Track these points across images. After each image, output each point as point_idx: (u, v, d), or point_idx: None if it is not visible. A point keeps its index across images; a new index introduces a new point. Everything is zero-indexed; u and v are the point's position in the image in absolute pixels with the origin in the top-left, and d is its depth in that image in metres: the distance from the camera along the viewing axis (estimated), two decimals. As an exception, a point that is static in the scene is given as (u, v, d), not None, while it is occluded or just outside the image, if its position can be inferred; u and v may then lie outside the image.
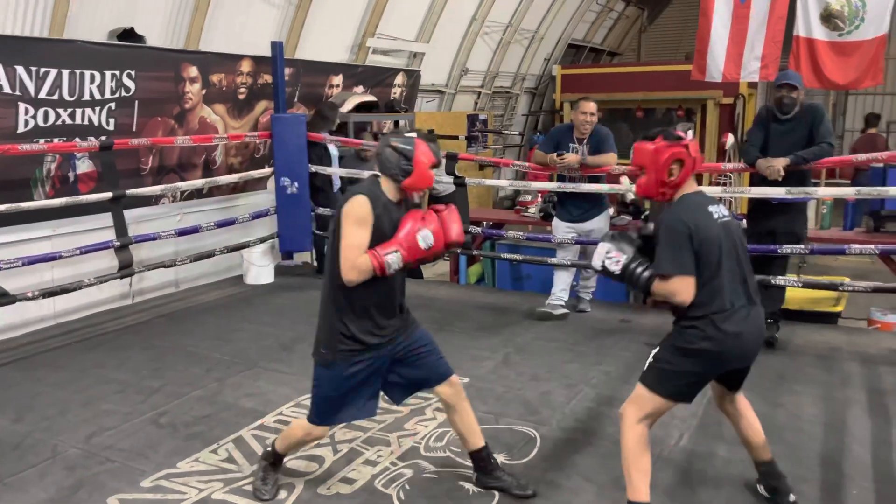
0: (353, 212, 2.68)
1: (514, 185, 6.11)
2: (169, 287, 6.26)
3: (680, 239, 2.55)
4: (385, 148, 2.76)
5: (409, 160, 2.72)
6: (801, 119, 4.56)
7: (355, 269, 2.65)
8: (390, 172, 2.75)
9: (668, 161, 2.61)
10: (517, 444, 3.39)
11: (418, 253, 2.72)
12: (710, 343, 2.59)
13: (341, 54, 8.22)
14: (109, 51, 5.41)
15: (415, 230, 2.71)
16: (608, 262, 2.69)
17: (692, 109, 11.54)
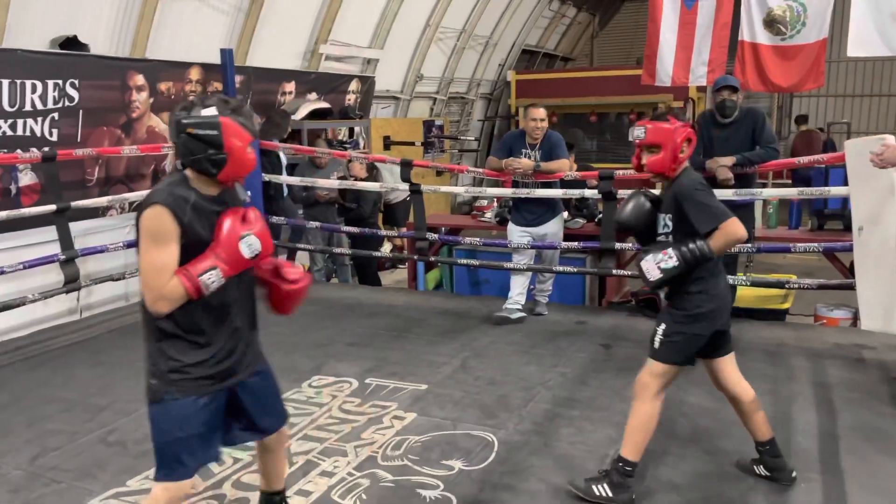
0: (147, 227, 2.12)
1: (469, 191, 6.13)
2: (119, 301, 6.10)
3: (710, 194, 2.85)
4: (180, 136, 2.16)
5: (217, 147, 2.15)
6: (742, 123, 4.67)
7: (163, 298, 2.12)
8: (200, 166, 2.17)
9: (683, 140, 2.84)
10: (474, 449, 3.39)
11: (242, 265, 2.21)
12: (713, 303, 2.83)
13: (294, 61, 8.15)
14: (51, 59, 5.27)
15: (235, 236, 2.17)
16: (665, 263, 2.74)
17: (644, 113, 11.75)
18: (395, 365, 4.53)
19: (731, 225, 2.71)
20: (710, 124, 4.76)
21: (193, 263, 2.14)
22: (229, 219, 2.19)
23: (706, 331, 2.86)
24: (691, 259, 2.73)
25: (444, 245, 6.43)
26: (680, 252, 2.73)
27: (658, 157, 2.85)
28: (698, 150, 4.79)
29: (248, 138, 2.21)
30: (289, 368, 4.49)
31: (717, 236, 2.71)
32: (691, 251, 2.72)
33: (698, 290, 2.81)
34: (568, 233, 5.68)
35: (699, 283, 2.80)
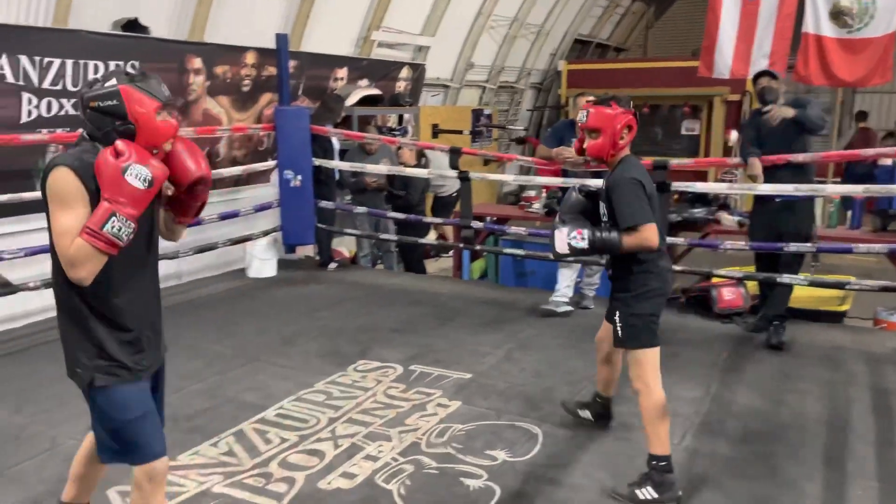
0: (54, 190, 2.01)
1: (517, 179, 6.08)
2: (171, 279, 6.24)
3: (638, 191, 2.82)
4: (85, 111, 2.08)
5: (122, 118, 2.05)
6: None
7: (76, 263, 1.98)
8: (108, 140, 2.04)
9: (623, 126, 2.89)
10: (519, 440, 3.37)
11: (142, 198, 2.00)
12: (658, 281, 2.92)
13: (346, 47, 8.19)
14: (113, 41, 5.39)
15: (117, 170, 1.97)
16: (574, 241, 2.83)
17: (698, 106, 11.49)
18: (439, 353, 4.53)
19: (647, 230, 2.76)
20: (758, 114, 4.64)
21: (90, 219, 1.98)
22: (100, 158, 2.00)
23: (657, 309, 2.93)
24: (600, 247, 2.81)
25: (489, 234, 6.40)
26: (593, 236, 2.81)
27: (598, 141, 2.90)
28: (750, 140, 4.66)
29: (153, 104, 2.08)
30: (333, 352, 4.54)
31: (633, 236, 2.78)
32: (603, 240, 2.80)
33: (640, 269, 2.88)
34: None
35: (641, 263, 2.87)
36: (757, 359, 4.43)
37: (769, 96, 4.58)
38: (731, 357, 4.46)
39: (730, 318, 5.12)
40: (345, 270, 6.82)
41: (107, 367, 2.15)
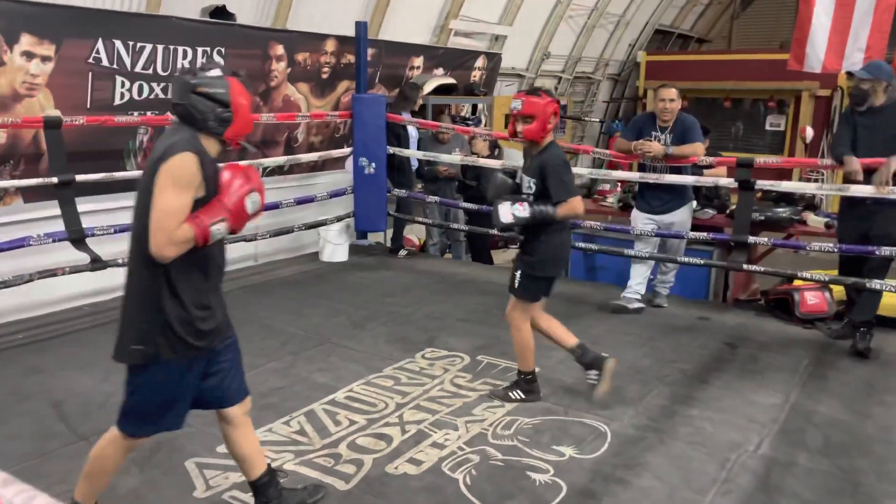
0: (176, 172, 2.12)
1: (593, 173, 5.97)
2: (248, 260, 6.44)
3: (568, 169, 3.48)
4: (189, 95, 2.20)
5: (226, 106, 2.22)
6: (889, 112, 4.27)
7: (172, 243, 2.12)
8: (205, 125, 2.22)
9: (552, 112, 3.41)
10: (586, 437, 3.33)
11: (245, 220, 2.25)
12: (553, 252, 3.55)
13: (424, 36, 8.21)
14: (202, 27, 5.56)
15: (244, 192, 2.22)
16: (518, 212, 3.36)
17: (785, 101, 11.03)
18: (506, 344, 4.48)
19: (576, 201, 3.42)
20: (855, 113, 4.40)
21: (204, 213, 2.16)
22: (236, 174, 2.23)
23: (549, 273, 3.56)
24: (539, 217, 3.37)
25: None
26: (532, 209, 3.36)
27: (532, 126, 3.40)
28: (843, 140, 4.43)
29: (250, 98, 2.30)
30: (402, 338, 4.59)
31: (565, 207, 3.39)
32: (541, 212, 3.36)
33: (544, 241, 3.49)
34: (695, 223, 5.44)
35: (545, 235, 3.47)
36: (841, 367, 4.24)
37: (856, 101, 4.33)
38: (813, 364, 4.28)
39: (812, 324, 4.91)
40: (414, 258, 6.88)
41: (172, 343, 2.26)
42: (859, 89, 4.35)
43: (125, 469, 2.98)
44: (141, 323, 2.25)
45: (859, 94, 4.34)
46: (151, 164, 2.18)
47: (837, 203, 4.93)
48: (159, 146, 2.21)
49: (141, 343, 2.25)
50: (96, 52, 4.88)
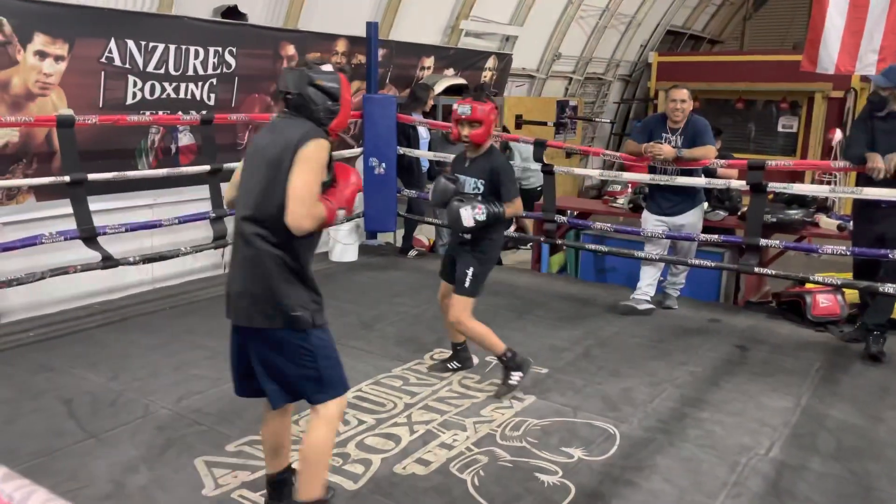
0: (318, 156, 2.32)
1: (604, 174, 5.94)
2: (258, 259, 6.45)
3: (513, 172, 3.79)
4: (307, 87, 2.38)
5: (336, 100, 2.42)
6: None
7: (311, 217, 2.29)
8: (316, 116, 2.41)
9: (494, 117, 3.65)
10: (595, 439, 3.31)
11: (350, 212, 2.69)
12: (498, 249, 3.94)
13: (434, 36, 8.21)
14: (213, 28, 5.58)
15: (356, 188, 2.53)
16: (478, 216, 3.53)
17: (797, 102, 10.95)
18: (515, 346, 4.42)
19: (519, 202, 3.69)
20: (873, 115, 4.35)
21: (331, 196, 2.40)
22: (353, 172, 2.54)
23: (492, 267, 3.82)
24: (493, 217, 3.58)
25: (570, 229, 6.30)
26: (488, 210, 3.56)
27: (479, 130, 3.61)
28: (858, 142, 4.39)
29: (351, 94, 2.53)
30: (411, 339, 4.58)
31: (511, 207, 3.64)
32: (496, 213, 3.58)
33: (495, 239, 3.76)
34: (707, 225, 5.40)
35: (495, 234, 3.74)
36: (853, 371, 4.20)
37: (876, 107, 4.27)
38: (825, 367, 4.24)
39: (824, 327, 4.88)
40: (424, 258, 6.87)
41: (319, 309, 2.43)
42: (878, 95, 4.29)
43: (134, 467, 3.00)
44: (290, 292, 2.36)
45: (879, 101, 4.29)
46: (282, 149, 2.32)
47: (850, 205, 4.89)
48: (289, 133, 2.35)
49: (301, 308, 2.36)
50: (109, 52, 4.91)
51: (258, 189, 2.36)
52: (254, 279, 2.36)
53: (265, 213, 2.34)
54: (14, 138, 4.65)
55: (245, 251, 2.39)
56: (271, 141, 2.38)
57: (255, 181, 2.37)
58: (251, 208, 2.38)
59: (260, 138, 2.48)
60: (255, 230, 2.36)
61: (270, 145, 2.37)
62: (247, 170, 2.46)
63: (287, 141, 2.32)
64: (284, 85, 2.42)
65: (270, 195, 2.32)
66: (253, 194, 2.37)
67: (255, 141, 2.51)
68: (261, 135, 2.50)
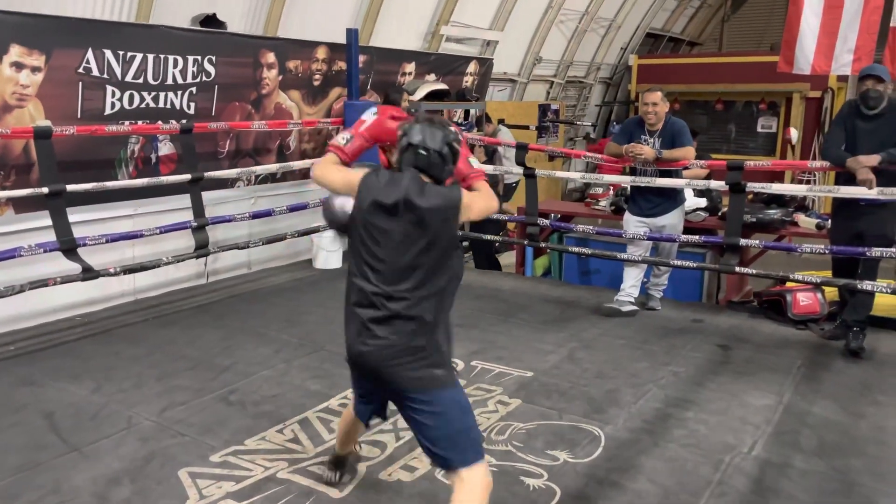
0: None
1: (585, 177, 5.97)
2: (242, 268, 6.43)
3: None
4: (444, 146, 2.36)
5: (454, 163, 2.43)
6: (889, 115, 4.27)
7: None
8: (440, 175, 2.38)
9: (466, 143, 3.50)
10: (581, 442, 3.33)
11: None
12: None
13: (415, 42, 8.22)
14: (192, 36, 5.56)
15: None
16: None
17: (776, 102, 11.07)
18: (500, 349, 4.51)
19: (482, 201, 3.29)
20: (855, 116, 4.39)
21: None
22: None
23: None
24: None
25: (554, 231, 6.32)
26: None
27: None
28: (836, 142, 4.44)
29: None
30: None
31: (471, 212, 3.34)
32: None
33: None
34: (688, 226, 5.45)
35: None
36: (834, 368, 4.25)
37: (871, 103, 4.31)
38: (806, 365, 4.29)
39: (805, 325, 4.93)
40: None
41: (452, 366, 2.40)
42: (877, 91, 4.28)
43: (117, 480, 2.97)
44: (434, 350, 2.34)
45: (877, 97, 4.29)
46: (444, 205, 2.32)
47: (829, 204, 4.95)
48: (431, 197, 2.31)
49: (441, 367, 2.35)
50: (86, 62, 4.87)
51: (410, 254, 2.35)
52: None
53: (446, 261, 2.38)
54: (-9, 150, 4.60)
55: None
56: (429, 202, 2.32)
57: (407, 249, 2.34)
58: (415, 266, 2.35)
59: (386, 197, 2.35)
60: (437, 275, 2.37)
61: (430, 208, 2.32)
62: (390, 231, 2.36)
63: (429, 206, 2.31)
64: (420, 139, 2.35)
65: (447, 246, 2.37)
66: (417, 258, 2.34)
67: (378, 201, 2.37)
68: (384, 195, 2.36)
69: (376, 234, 2.35)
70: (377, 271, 2.36)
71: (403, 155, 2.39)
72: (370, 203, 2.36)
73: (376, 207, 2.35)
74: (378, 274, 2.36)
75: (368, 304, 2.40)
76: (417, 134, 2.35)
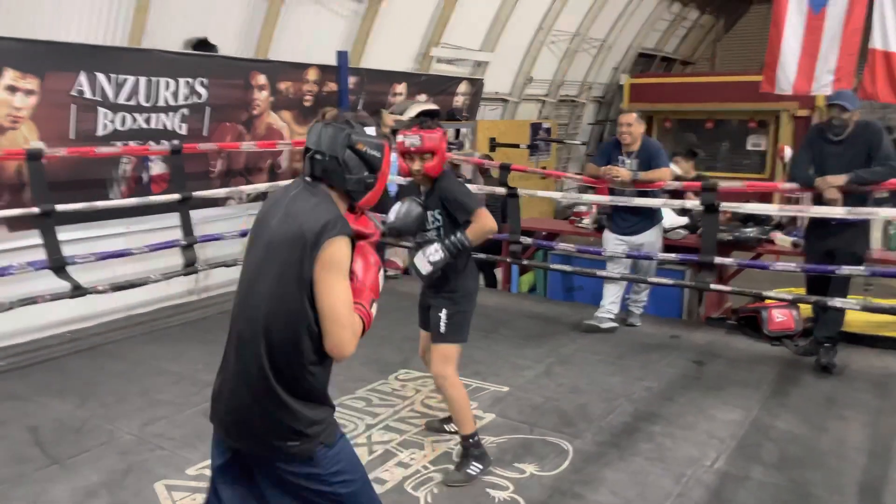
0: (342, 260, 1.91)
1: (565, 197, 6.10)
2: (232, 285, 6.48)
3: (463, 185, 3.38)
4: (345, 150, 1.98)
5: (374, 171, 2.03)
6: (857, 137, 4.38)
7: (356, 334, 1.93)
8: (349, 186, 2.00)
9: (445, 143, 3.28)
10: (548, 455, 3.41)
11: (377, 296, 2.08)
12: (475, 280, 3.44)
13: (406, 63, 8.38)
14: (184, 59, 5.72)
15: (377, 268, 2.07)
16: (432, 258, 3.13)
17: (765, 121, 11.21)
18: (479, 364, 4.60)
19: (482, 215, 3.15)
20: (822, 138, 4.50)
21: (360, 297, 1.97)
22: (371, 251, 2.08)
23: (473, 305, 3.32)
24: (454, 250, 3.13)
25: (538, 249, 6.43)
26: (444, 246, 3.13)
27: (433, 162, 3.20)
28: (803, 163, 4.56)
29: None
30: (376, 360, 4.67)
31: (473, 226, 3.15)
32: (453, 243, 3.13)
33: (462, 270, 3.27)
34: (668, 243, 5.55)
35: (461, 264, 3.25)
36: (804, 383, 4.33)
37: (835, 131, 4.42)
38: (777, 380, 4.37)
39: (780, 341, 5.01)
40: (397, 281, 6.96)
41: (331, 420, 2.02)
42: (841, 119, 4.37)
43: (94, 492, 3.06)
44: (290, 416, 1.95)
45: (840, 125, 4.39)
46: (296, 244, 1.89)
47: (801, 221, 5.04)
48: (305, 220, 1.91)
49: (298, 437, 1.95)
50: (79, 85, 5.03)
51: (268, 292, 1.94)
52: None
53: (294, 328, 1.92)
54: (-15, 171, 4.74)
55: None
56: (283, 226, 1.94)
57: (266, 280, 1.94)
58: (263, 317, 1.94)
59: (270, 215, 2.01)
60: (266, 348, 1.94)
61: (281, 233, 1.94)
62: (252, 255, 2.03)
63: (302, 233, 1.89)
64: (315, 142, 1.99)
65: (302, 306, 1.90)
66: (264, 297, 1.94)
67: (265, 217, 2.03)
68: (271, 210, 2.02)
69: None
70: None
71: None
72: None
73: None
74: None
75: None
76: (312, 135, 2.01)
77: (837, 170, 4.38)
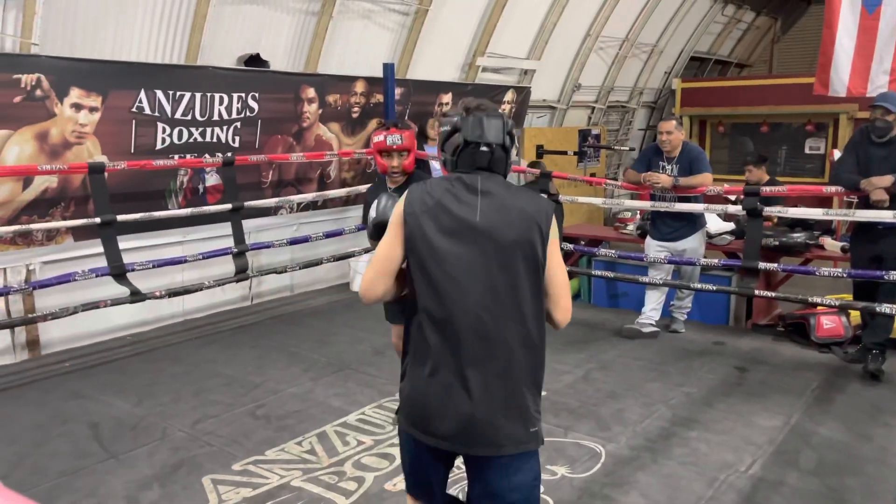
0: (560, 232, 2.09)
1: (606, 202, 6.09)
2: (284, 291, 6.77)
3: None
4: (506, 135, 2.01)
5: (513, 152, 2.15)
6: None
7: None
8: (506, 170, 2.07)
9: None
10: (581, 458, 3.45)
11: None
12: None
13: (452, 73, 8.51)
14: (237, 75, 5.98)
15: None
16: None
17: (824, 124, 10.90)
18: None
19: None
20: (867, 142, 4.41)
21: None
22: None
23: None
24: None
25: (582, 255, 6.44)
26: None
27: (409, 159, 3.40)
28: (847, 167, 4.47)
29: None
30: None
31: None
32: None
33: None
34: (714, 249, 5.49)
35: None
36: (850, 390, 4.24)
37: (878, 132, 4.34)
38: (822, 387, 4.29)
39: (828, 348, 4.91)
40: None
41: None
42: (885, 121, 4.32)
43: (147, 484, 3.26)
44: (532, 404, 2.01)
45: (884, 126, 4.34)
46: (538, 224, 1.93)
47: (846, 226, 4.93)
48: (520, 205, 1.94)
49: (537, 425, 2.02)
50: (139, 102, 5.32)
51: (509, 283, 1.92)
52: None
53: (535, 298, 1.95)
54: (53, 184, 5.07)
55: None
56: (507, 217, 1.92)
57: (503, 273, 1.92)
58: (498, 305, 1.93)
59: (480, 213, 1.93)
60: (504, 327, 1.94)
61: (505, 225, 1.92)
62: (464, 252, 1.93)
63: (534, 219, 1.92)
64: (479, 135, 1.95)
65: (538, 281, 1.95)
66: (508, 288, 1.93)
67: (455, 216, 1.94)
68: (461, 207, 1.94)
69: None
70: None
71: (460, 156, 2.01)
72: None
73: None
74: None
75: None
76: (474, 129, 1.97)
77: (882, 172, 4.28)
